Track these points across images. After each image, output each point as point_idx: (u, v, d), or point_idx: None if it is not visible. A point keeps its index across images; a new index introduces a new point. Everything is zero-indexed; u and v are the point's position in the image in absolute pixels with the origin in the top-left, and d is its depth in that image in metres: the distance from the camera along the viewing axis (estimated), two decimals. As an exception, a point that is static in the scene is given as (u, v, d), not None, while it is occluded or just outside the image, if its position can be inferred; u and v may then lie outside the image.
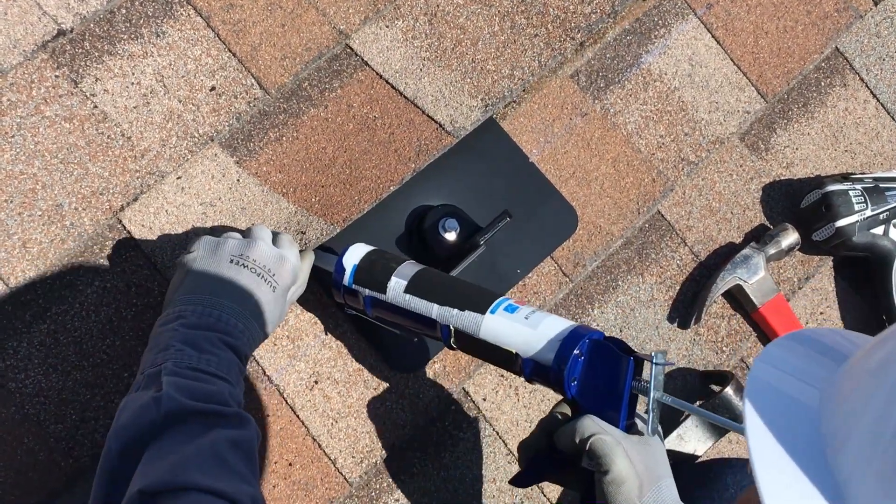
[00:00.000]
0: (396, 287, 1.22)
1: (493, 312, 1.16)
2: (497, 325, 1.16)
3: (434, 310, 1.20)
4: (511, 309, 1.16)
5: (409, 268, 1.24)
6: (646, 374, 1.10)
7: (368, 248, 1.28)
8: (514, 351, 1.14)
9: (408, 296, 1.21)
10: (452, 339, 1.20)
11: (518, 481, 1.21)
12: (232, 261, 1.18)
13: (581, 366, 1.11)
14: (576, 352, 1.10)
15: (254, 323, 1.17)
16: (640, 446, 1.09)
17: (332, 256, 1.30)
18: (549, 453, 1.16)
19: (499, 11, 1.50)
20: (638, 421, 1.13)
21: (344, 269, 1.26)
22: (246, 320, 1.16)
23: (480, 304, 1.18)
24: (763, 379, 0.81)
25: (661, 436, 1.15)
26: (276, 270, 1.20)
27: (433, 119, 1.43)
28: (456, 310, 1.18)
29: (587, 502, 1.12)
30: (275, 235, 1.25)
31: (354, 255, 1.27)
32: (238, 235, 1.22)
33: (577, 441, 1.08)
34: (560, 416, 1.16)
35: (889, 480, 0.69)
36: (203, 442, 1.00)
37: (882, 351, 0.77)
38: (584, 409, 1.12)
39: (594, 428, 1.08)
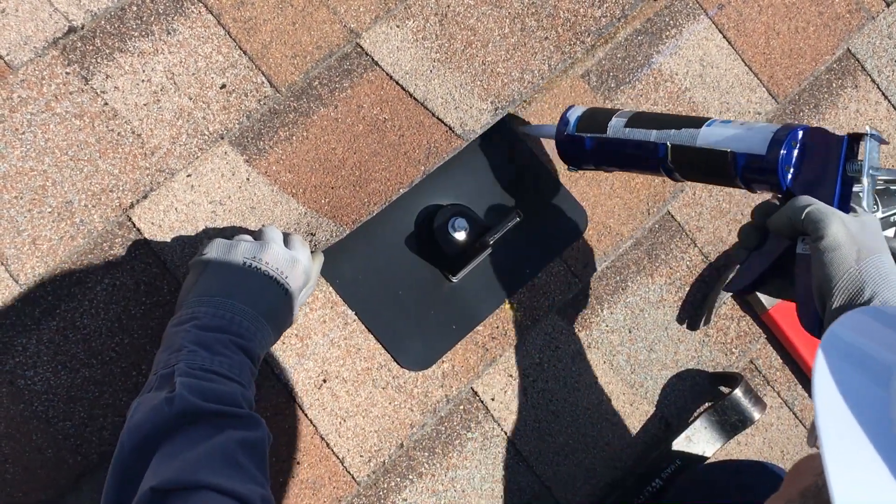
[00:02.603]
0: (616, 125, 1.34)
1: (709, 126, 1.25)
2: (713, 132, 1.24)
3: (652, 134, 1.30)
4: (725, 122, 1.25)
5: (625, 112, 1.36)
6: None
7: (584, 107, 1.41)
8: (728, 150, 1.20)
9: (627, 129, 1.33)
10: (669, 157, 1.28)
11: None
12: (245, 263, 1.18)
13: (795, 155, 1.16)
14: (791, 141, 1.15)
15: (266, 324, 1.17)
16: (857, 220, 1.09)
17: (544, 125, 1.47)
18: (764, 244, 1.19)
19: (509, 13, 1.49)
20: (853, 205, 1.16)
21: (568, 121, 1.39)
22: (258, 322, 1.16)
23: (696, 122, 1.27)
24: (840, 335, 0.81)
25: (879, 209, 1.18)
26: (288, 272, 1.20)
27: (443, 122, 1.42)
28: (673, 130, 1.28)
29: (799, 302, 1.13)
30: (286, 236, 1.25)
31: (575, 112, 1.39)
32: (250, 238, 1.22)
33: (793, 216, 1.10)
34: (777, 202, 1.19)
35: None
36: (215, 442, 1.01)
37: None
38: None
39: (810, 200, 1.10)
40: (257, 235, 1.24)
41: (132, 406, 1.07)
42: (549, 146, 1.50)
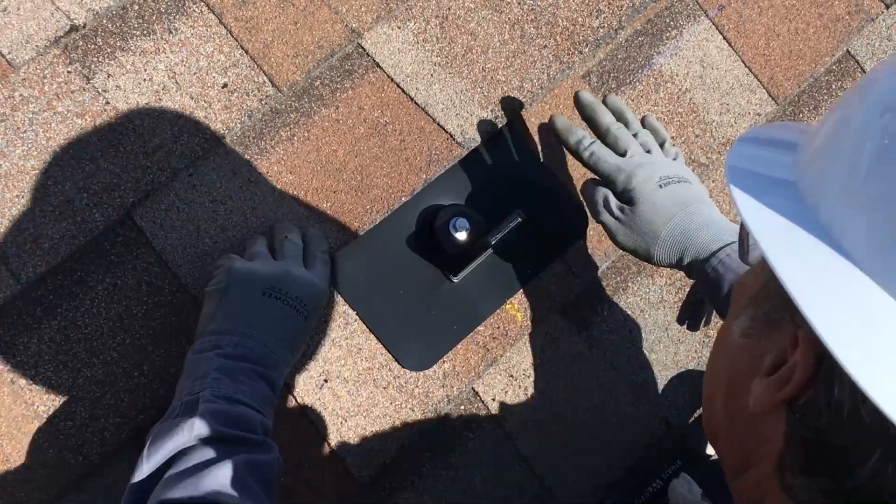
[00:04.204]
0: None
1: None
2: None
3: None
4: None
5: None
6: None
7: None
8: None
9: None
10: None
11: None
12: (265, 293, 1.19)
13: None
14: None
15: (286, 353, 1.20)
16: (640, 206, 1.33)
17: None
18: None
19: (509, 18, 1.49)
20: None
21: None
22: (279, 350, 1.18)
23: None
24: (739, 167, 0.83)
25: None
26: (307, 299, 1.22)
27: (444, 128, 1.42)
28: None
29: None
30: (306, 249, 1.28)
31: None
32: (268, 256, 1.24)
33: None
34: None
35: (870, 213, 0.71)
36: (225, 463, 1.05)
37: (839, 107, 0.80)
38: None
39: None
40: (277, 248, 1.26)
41: (153, 430, 1.10)
42: (551, 146, 1.50)
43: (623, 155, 1.37)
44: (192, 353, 1.17)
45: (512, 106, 1.48)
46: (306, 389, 1.33)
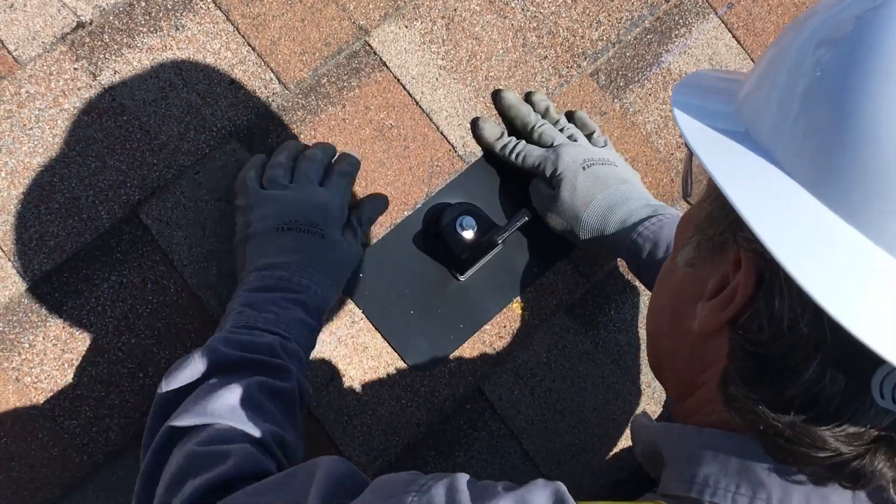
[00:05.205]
0: None
1: None
2: None
3: None
4: None
5: None
6: None
7: None
8: None
9: None
10: None
11: None
12: (278, 229, 1.22)
13: None
14: None
15: (316, 273, 1.21)
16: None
17: None
18: None
19: (512, 25, 1.49)
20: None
21: None
22: (306, 273, 1.20)
23: None
24: (683, 100, 0.87)
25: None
26: (320, 219, 1.24)
27: (446, 138, 1.43)
28: None
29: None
30: (328, 168, 1.31)
31: None
32: (283, 175, 1.26)
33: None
34: None
35: (801, 126, 0.77)
36: (237, 385, 1.06)
37: (776, 41, 0.85)
38: None
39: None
40: (296, 167, 1.28)
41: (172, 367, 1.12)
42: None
43: (550, 146, 1.41)
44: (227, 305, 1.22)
45: None
46: (312, 387, 1.32)
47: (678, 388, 0.94)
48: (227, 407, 1.04)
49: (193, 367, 1.09)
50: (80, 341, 1.24)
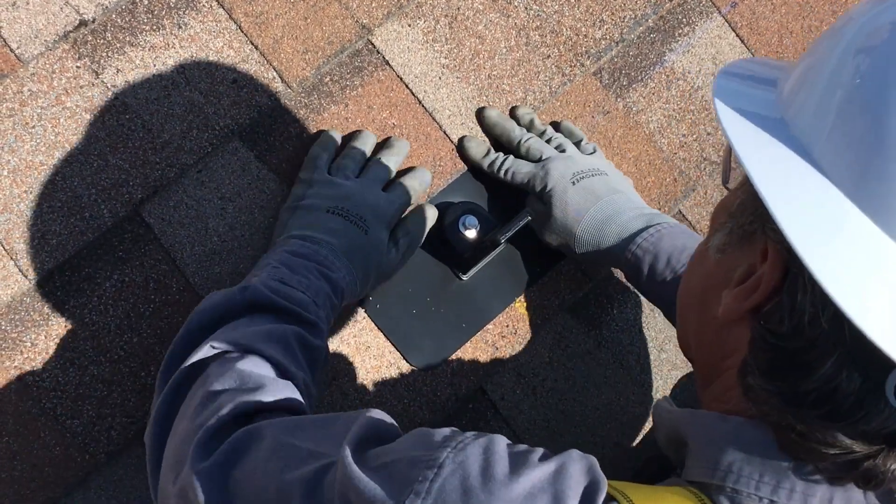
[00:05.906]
0: None
1: None
2: None
3: None
4: None
5: None
6: None
7: None
8: None
9: None
10: None
11: None
12: (329, 210, 1.26)
13: None
14: None
15: (348, 263, 1.23)
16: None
17: None
18: None
19: (515, 24, 1.49)
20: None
21: None
22: (340, 258, 1.22)
23: None
24: (725, 88, 0.89)
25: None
26: (370, 217, 1.27)
27: (449, 138, 1.43)
28: None
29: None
30: (399, 174, 1.35)
31: None
32: (354, 169, 1.31)
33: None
34: None
35: (840, 130, 0.78)
36: (276, 327, 1.08)
37: (815, 46, 0.86)
38: None
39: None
40: (366, 166, 1.33)
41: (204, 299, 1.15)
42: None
43: (539, 161, 1.40)
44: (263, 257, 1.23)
45: None
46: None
47: (704, 370, 0.97)
48: (266, 343, 1.06)
49: (232, 298, 1.11)
50: (82, 340, 1.24)
